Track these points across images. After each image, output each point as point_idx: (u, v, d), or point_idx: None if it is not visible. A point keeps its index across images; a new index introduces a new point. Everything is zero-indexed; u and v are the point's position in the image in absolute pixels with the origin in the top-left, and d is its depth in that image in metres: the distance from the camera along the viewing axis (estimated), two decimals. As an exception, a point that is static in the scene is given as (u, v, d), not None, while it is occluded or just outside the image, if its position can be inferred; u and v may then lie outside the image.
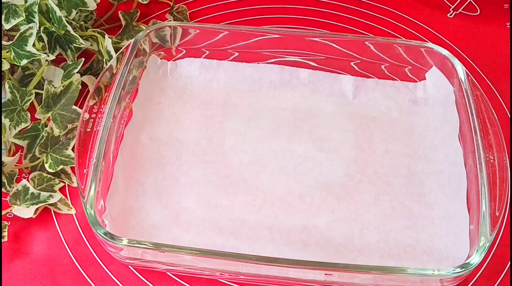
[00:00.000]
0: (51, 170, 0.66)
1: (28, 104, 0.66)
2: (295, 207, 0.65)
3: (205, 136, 0.69)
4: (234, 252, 0.58)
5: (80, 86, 0.68)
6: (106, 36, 0.72)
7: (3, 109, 0.65)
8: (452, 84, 0.70)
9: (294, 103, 0.73)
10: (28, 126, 0.66)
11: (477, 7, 0.85)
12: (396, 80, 0.74)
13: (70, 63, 0.70)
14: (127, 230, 0.62)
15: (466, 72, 0.68)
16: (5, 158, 0.64)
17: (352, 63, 0.73)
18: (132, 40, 0.69)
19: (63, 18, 0.68)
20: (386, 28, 0.82)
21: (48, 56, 0.68)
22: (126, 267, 0.63)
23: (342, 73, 0.74)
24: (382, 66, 0.73)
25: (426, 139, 0.70)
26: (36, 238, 0.64)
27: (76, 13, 0.72)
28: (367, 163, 0.68)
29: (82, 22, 0.75)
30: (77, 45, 0.70)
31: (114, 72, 0.67)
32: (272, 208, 0.65)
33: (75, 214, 0.66)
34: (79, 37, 0.70)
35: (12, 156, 0.67)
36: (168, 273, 0.62)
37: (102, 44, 0.72)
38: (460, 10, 0.85)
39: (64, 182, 0.67)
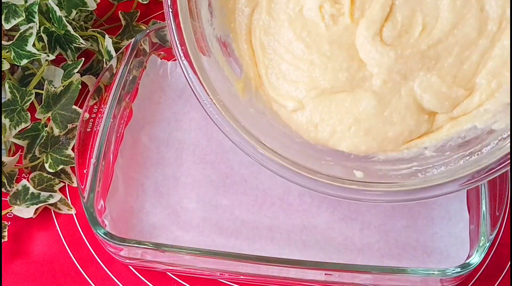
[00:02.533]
0: (51, 170, 0.66)
1: (28, 104, 0.66)
2: (295, 207, 0.65)
3: (205, 136, 0.69)
4: (234, 252, 0.58)
5: (80, 86, 0.68)
6: (106, 36, 0.72)
7: (3, 109, 0.65)
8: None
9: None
10: (28, 126, 0.66)
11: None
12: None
13: (70, 63, 0.70)
14: (127, 230, 0.62)
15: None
16: (5, 158, 0.64)
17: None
18: (132, 40, 0.69)
19: (63, 18, 0.68)
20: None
21: (48, 56, 0.68)
22: (126, 267, 0.63)
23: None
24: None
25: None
26: (36, 238, 0.64)
27: (76, 13, 0.72)
28: (367, 163, 0.68)
29: (82, 22, 0.75)
30: (77, 45, 0.70)
31: (114, 72, 0.67)
32: (272, 208, 0.65)
33: (75, 214, 0.66)
34: (79, 37, 0.70)
35: (12, 156, 0.67)
36: (168, 273, 0.62)
37: (102, 44, 0.72)
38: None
39: (64, 182, 0.67)
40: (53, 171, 0.66)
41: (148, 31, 0.70)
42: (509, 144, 0.53)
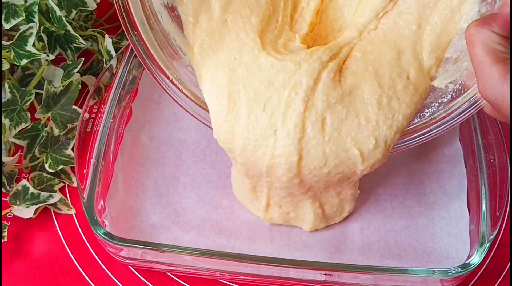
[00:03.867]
0: (51, 170, 0.66)
1: (28, 104, 0.66)
2: (295, 207, 0.65)
3: (205, 136, 0.69)
4: (234, 253, 0.58)
5: (80, 86, 0.68)
6: (106, 36, 0.72)
7: (3, 109, 0.65)
8: (452, 84, 0.70)
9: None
10: (28, 126, 0.66)
11: (477, 6, 0.85)
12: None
13: (70, 63, 0.70)
14: (127, 230, 0.62)
15: (467, 71, 0.68)
16: (5, 158, 0.64)
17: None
18: (132, 40, 0.69)
19: (63, 18, 0.68)
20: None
21: (48, 56, 0.68)
22: (126, 267, 0.63)
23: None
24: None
25: (426, 139, 0.70)
26: (36, 238, 0.64)
27: (76, 13, 0.72)
28: (367, 163, 0.68)
29: (82, 22, 0.75)
30: (77, 45, 0.70)
31: (114, 72, 0.67)
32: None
33: (75, 214, 0.66)
34: (79, 37, 0.69)
35: (12, 156, 0.66)
36: (168, 273, 0.62)
37: (102, 44, 0.72)
38: (460, 9, 0.85)
39: (64, 182, 0.67)
40: (53, 171, 0.66)
41: (148, 31, 0.70)
42: (449, 109, 0.54)
